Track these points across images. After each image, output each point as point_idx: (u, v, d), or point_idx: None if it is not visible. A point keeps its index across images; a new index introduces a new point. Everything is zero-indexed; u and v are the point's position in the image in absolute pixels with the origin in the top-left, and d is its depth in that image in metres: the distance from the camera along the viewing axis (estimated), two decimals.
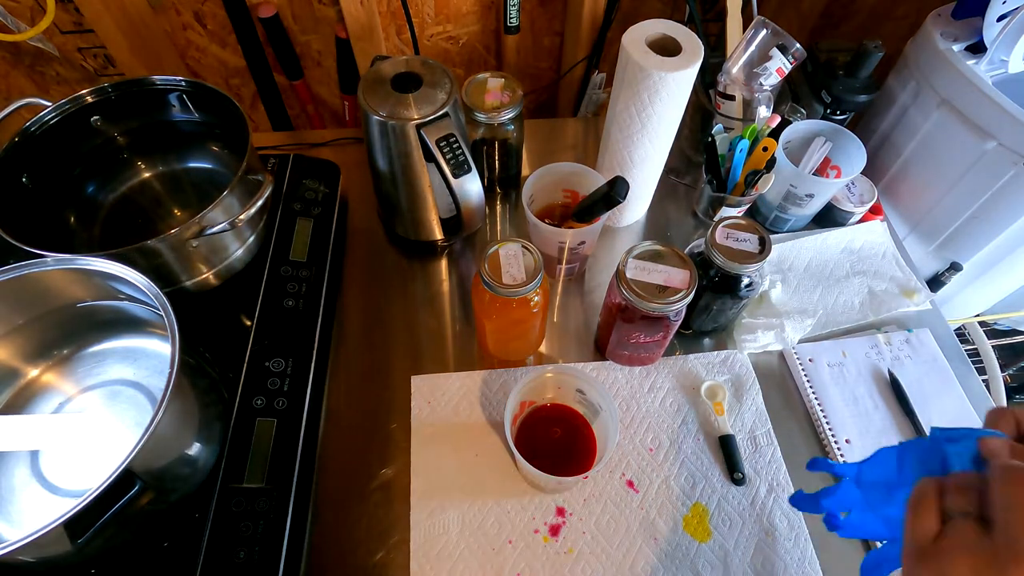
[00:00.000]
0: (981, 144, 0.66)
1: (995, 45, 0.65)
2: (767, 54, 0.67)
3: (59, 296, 0.55)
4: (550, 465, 0.50)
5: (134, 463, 0.42)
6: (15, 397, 0.57)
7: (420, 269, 0.74)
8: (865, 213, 0.76)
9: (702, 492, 0.58)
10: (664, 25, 0.61)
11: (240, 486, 0.52)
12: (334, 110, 1.03)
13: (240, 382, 0.57)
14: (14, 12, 0.78)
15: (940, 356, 0.67)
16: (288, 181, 0.71)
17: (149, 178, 0.71)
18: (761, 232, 0.58)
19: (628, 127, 0.64)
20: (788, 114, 0.73)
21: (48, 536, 0.39)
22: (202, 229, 0.56)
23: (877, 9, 0.93)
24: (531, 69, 1.03)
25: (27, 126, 0.60)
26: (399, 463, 0.60)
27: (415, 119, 0.58)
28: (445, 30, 0.93)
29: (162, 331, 0.54)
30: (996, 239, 0.71)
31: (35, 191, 0.61)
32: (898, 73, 0.77)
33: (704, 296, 0.61)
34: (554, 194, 0.71)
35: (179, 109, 0.68)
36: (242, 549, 0.49)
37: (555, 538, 0.56)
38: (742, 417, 0.63)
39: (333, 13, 0.87)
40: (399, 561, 0.55)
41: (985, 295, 0.83)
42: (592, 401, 0.57)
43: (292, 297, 0.63)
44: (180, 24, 0.86)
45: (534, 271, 0.54)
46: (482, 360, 0.67)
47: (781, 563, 0.55)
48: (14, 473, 0.53)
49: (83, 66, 0.88)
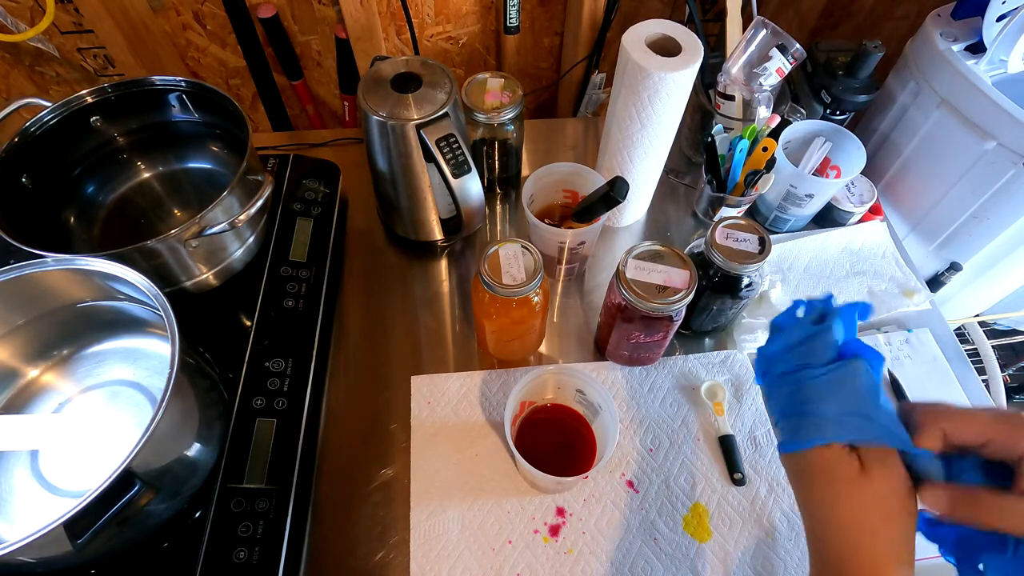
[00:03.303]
0: (981, 144, 0.66)
1: (995, 45, 0.65)
2: (767, 54, 0.67)
3: (59, 296, 0.55)
4: (550, 465, 0.50)
5: (134, 463, 0.42)
6: (15, 397, 0.57)
7: (420, 269, 0.74)
8: (865, 213, 0.76)
9: (702, 492, 0.58)
10: (664, 25, 0.61)
11: (240, 486, 0.52)
12: (334, 110, 1.03)
13: (240, 382, 0.57)
14: (14, 12, 0.78)
15: (940, 356, 0.67)
16: (288, 181, 0.71)
17: (149, 178, 0.71)
18: (761, 232, 0.58)
19: (628, 127, 0.64)
20: (788, 114, 0.73)
21: (48, 536, 0.39)
22: (202, 229, 0.56)
23: (877, 9, 0.93)
24: (531, 69, 1.03)
25: (27, 126, 0.60)
26: (399, 463, 0.60)
27: (415, 119, 0.58)
28: (445, 30, 0.93)
29: (162, 331, 0.54)
30: (996, 239, 0.71)
31: (35, 191, 0.61)
32: (898, 73, 0.77)
33: (704, 296, 0.61)
34: (554, 194, 0.71)
35: (179, 109, 0.68)
36: (242, 549, 0.49)
37: (555, 538, 0.56)
38: (742, 417, 0.63)
39: (333, 13, 0.87)
40: (399, 561, 0.55)
41: (985, 295, 0.83)
42: (592, 401, 0.57)
43: (292, 297, 0.63)
44: (180, 24, 0.86)
45: (534, 271, 0.54)
46: (482, 360, 0.67)
47: (781, 563, 0.55)
48: (14, 473, 0.53)
49: (83, 66, 0.88)
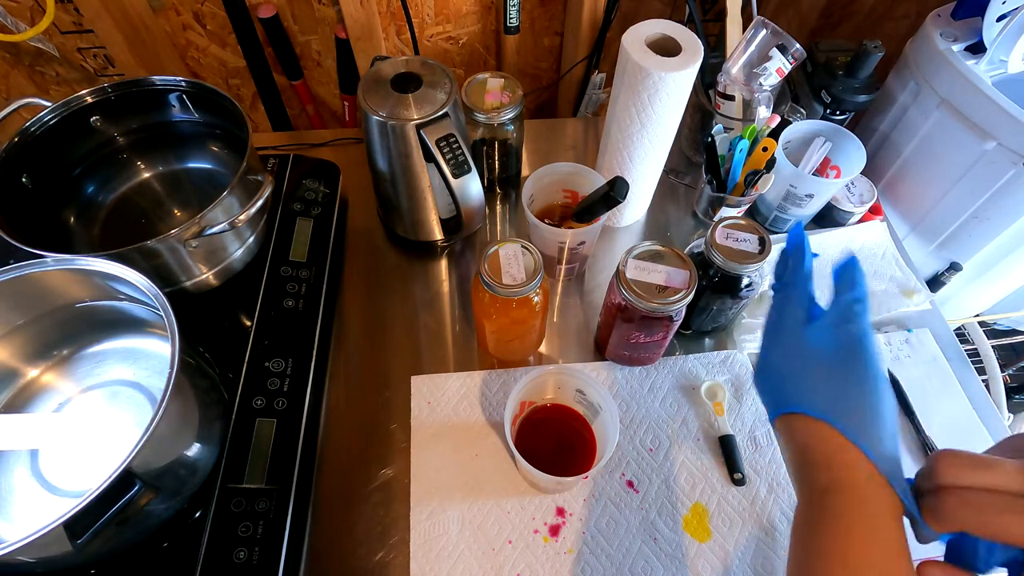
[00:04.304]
0: (981, 144, 0.66)
1: (995, 45, 0.65)
2: (767, 54, 0.67)
3: (59, 296, 0.55)
4: (550, 465, 0.50)
5: (134, 463, 0.42)
6: (15, 397, 0.57)
7: (420, 269, 0.74)
8: (865, 213, 0.76)
9: (702, 492, 0.58)
10: (664, 25, 0.61)
11: (240, 486, 0.52)
12: (334, 110, 1.03)
13: (240, 382, 0.57)
14: (14, 12, 0.78)
15: (940, 356, 0.67)
16: (288, 181, 0.71)
17: (149, 178, 0.71)
18: (761, 232, 0.58)
19: (628, 127, 0.64)
20: (788, 114, 0.73)
21: (48, 536, 0.39)
22: (202, 229, 0.56)
23: (877, 9, 0.93)
24: (531, 69, 1.03)
25: (27, 126, 0.60)
26: (399, 463, 0.60)
27: (415, 119, 0.58)
28: (445, 30, 0.93)
29: (162, 331, 0.54)
30: (996, 239, 0.71)
31: (35, 191, 0.61)
32: (898, 73, 0.77)
33: (704, 296, 0.61)
34: (554, 194, 0.71)
35: (179, 109, 0.68)
36: (242, 549, 0.49)
37: (555, 538, 0.56)
38: (742, 417, 0.63)
39: (333, 13, 0.87)
40: (399, 561, 0.55)
41: (985, 295, 0.83)
42: (592, 401, 0.57)
43: (292, 297, 0.63)
44: (180, 24, 0.86)
45: (534, 271, 0.54)
46: (482, 360, 0.67)
47: (781, 563, 0.55)
48: (14, 473, 0.53)
49: (83, 66, 0.88)
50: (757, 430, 0.62)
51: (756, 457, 0.60)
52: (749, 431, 0.62)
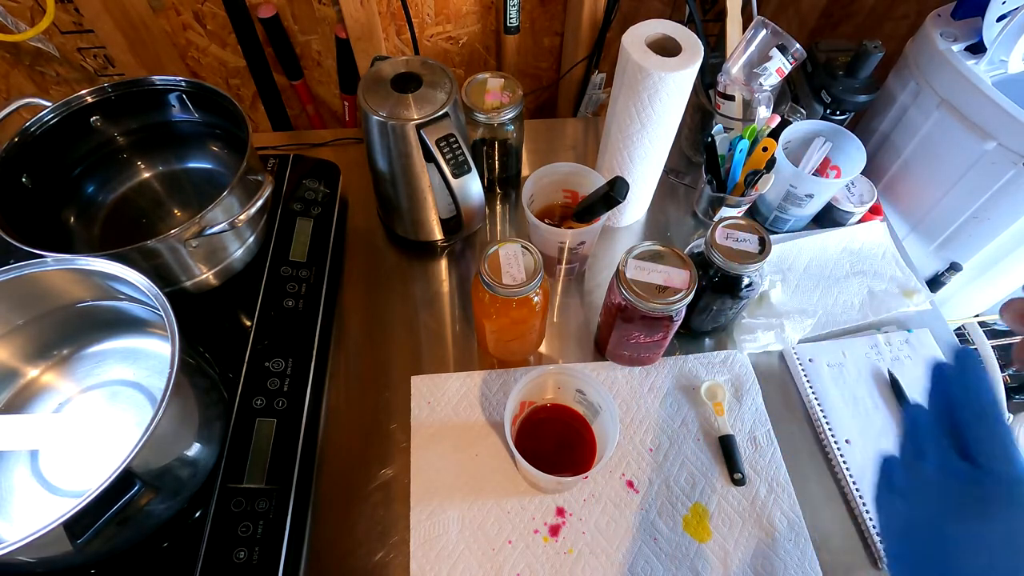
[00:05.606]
0: (981, 144, 0.66)
1: (995, 45, 0.65)
2: (767, 54, 0.67)
3: (59, 296, 0.55)
4: (550, 465, 0.50)
5: (134, 463, 0.42)
6: (15, 397, 0.57)
7: (420, 269, 0.74)
8: (865, 213, 0.76)
9: (702, 492, 0.58)
10: (664, 25, 0.61)
11: (240, 486, 0.52)
12: (334, 110, 1.03)
13: (240, 382, 0.57)
14: (14, 12, 0.78)
15: (940, 356, 0.67)
16: (288, 181, 0.71)
17: (149, 178, 0.71)
18: (761, 232, 0.58)
19: (628, 127, 0.64)
20: (788, 114, 0.73)
21: (48, 536, 0.39)
22: (202, 229, 0.56)
23: (877, 9, 0.93)
24: (531, 69, 1.03)
25: (27, 126, 0.60)
26: (399, 463, 0.60)
27: (415, 119, 0.58)
28: (445, 30, 0.93)
29: (162, 331, 0.54)
30: (996, 239, 0.71)
31: (35, 191, 0.61)
32: (898, 73, 0.77)
33: (704, 296, 0.61)
34: (554, 194, 0.71)
35: (179, 109, 0.68)
36: (242, 549, 0.49)
37: (555, 538, 0.56)
38: (742, 417, 0.63)
39: (333, 13, 0.87)
40: (399, 561, 0.55)
41: (985, 295, 0.83)
42: (592, 401, 0.57)
43: (292, 297, 0.63)
44: (180, 24, 0.86)
45: (534, 271, 0.54)
46: (482, 360, 0.67)
47: (781, 563, 0.55)
48: (14, 473, 0.53)
49: (83, 66, 0.88)
50: (757, 430, 0.62)
51: (756, 457, 0.60)
52: (749, 431, 0.62)
